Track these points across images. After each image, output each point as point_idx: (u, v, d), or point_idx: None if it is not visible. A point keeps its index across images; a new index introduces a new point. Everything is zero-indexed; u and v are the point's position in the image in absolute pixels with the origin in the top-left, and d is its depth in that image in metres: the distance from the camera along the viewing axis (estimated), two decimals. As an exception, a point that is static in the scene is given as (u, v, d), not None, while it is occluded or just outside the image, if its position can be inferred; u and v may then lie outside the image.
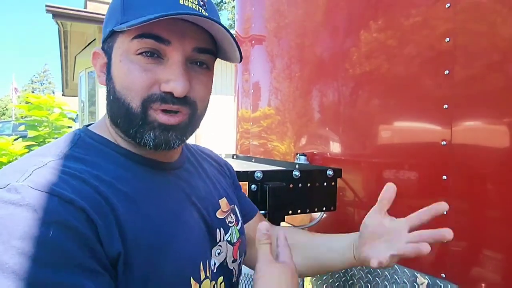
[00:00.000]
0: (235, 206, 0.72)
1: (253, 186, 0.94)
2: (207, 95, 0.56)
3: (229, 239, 0.65)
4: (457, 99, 0.80)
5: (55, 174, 0.45)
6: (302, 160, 1.21)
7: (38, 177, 0.43)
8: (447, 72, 0.81)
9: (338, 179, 1.06)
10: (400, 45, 0.94)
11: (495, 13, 0.74)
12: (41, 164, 0.46)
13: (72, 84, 10.71)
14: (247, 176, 0.93)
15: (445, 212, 0.78)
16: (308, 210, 0.99)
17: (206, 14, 0.51)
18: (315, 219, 1.16)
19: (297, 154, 1.27)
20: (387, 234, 0.63)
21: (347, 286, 1.05)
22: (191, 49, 0.51)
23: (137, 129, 0.51)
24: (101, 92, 6.37)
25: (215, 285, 0.59)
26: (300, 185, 0.97)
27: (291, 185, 0.97)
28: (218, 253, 0.61)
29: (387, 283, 0.92)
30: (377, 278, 0.94)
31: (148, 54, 0.50)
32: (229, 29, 0.51)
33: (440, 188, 0.82)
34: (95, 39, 6.66)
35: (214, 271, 0.59)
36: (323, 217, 1.14)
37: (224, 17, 21.17)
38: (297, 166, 1.01)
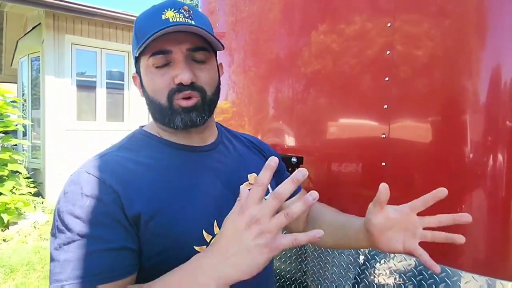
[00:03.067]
0: None
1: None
2: (211, 80, 0.75)
3: None
4: (394, 101, 0.98)
5: (105, 161, 0.68)
6: (266, 150, 1.36)
7: (92, 164, 0.66)
8: (387, 78, 0.99)
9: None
10: (351, 51, 1.11)
11: (426, 33, 0.93)
12: (102, 155, 0.70)
13: (10, 70, 9.93)
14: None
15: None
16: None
17: (193, 22, 0.69)
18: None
19: (260, 145, 1.42)
20: (398, 224, 0.71)
21: (302, 258, 1.22)
22: (186, 50, 0.70)
23: (169, 118, 0.71)
24: (47, 79, 6.03)
25: None
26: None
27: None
28: None
29: (335, 250, 1.10)
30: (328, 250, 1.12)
31: (161, 66, 0.70)
32: (206, 28, 0.71)
33: (380, 173, 1.01)
34: (40, 23, 6.25)
35: None
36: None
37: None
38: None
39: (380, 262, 0.99)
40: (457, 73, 0.87)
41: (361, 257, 1.04)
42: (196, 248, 0.67)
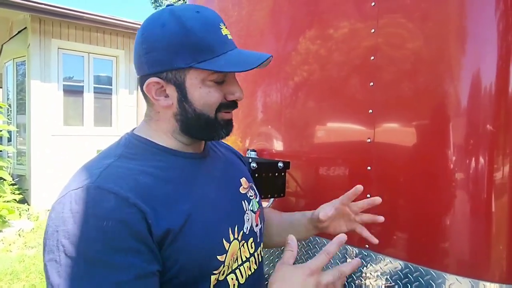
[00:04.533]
0: (252, 184, 0.90)
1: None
2: None
3: (251, 208, 0.83)
4: (379, 106, 1.00)
5: (118, 174, 0.62)
6: (253, 155, 1.36)
7: (104, 177, 0.59)
8: (371, 84, 1.01)
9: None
10: (336, 57, 1.12)
11: (409, 40, 0.95)
12: (105, 166, 0.62)
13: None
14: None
15: (368, 196, 0.98)
16: (263, 196, 1.15)
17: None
18: (268, 202, 1.32)
19: (248, 150, 1.42)
20: (338, 214, 0.90)
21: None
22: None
23: (212, 130, 0.71)
24: (33, 84, 5.93)
25: (245, 244, 0.77)
26: (256, 175, 1.12)
27: (249, 175, 1.12)
28: (248, 219, 0.79)
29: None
30: (316, 246, 1.12)
31: (219, 82, 0.70)
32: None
33: (366, 176, 1.02)
34: (26, 27, 6.17)
35: (247, 233, 0.77)
36: (274, 201, 1.31)
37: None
38: (250, 160, 1.15)
39: (367, 266, 1.00)
40: (439, 78, 0.88)
41: (350, 261, 1.04)
42: (218, 257, 0.67)
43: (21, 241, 4.48)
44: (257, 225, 0.83)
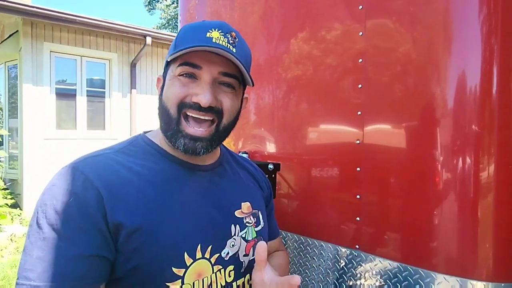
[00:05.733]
0: (259, 212, 0.84)
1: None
2: (232, 107, 0.73)
3: (243, 235, 0.78)
4: (367, 107, 1.01)
5: (98, 161, 0.67)
6: (245, 157, 1.37)
7: (85, 162, 0.66)
8: (360, 86, 1.02)
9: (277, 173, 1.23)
10: (325, 60, 1.14)
11: (396, 43, 0.96)
12: (97, 154, 0.69)
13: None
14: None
15: (358, 197, 0.99)
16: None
17: (234, 50, 0.68)
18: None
19: (239, 152, 1.42)
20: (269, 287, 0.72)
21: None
22: (217, 73, 0.69)
23: (172, 133, 0.69)
24: (25, 87, 5.89)
25: (222, 271, 0.72)
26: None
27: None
28: (232, 245, 0.74)
29: (314, 256, 1.12)
30: (307, 247, 1.13)
31: (186, 76, 0.68)
32: (244, 61, 0.70)
33: (355, 177, 1.03)
34: (17, 31, 6.13)
35: (226, 259, 0.73)
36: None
37: (157, 16, 20.92)
38: (241, 162, 1.16)
39: (357, 267, 1.01)
40: (426, 80, 0.90)
41: (341, 262, 1.05)
42: (174, 270, 0.64)
43: (13, 246, 4.43)
44: (246, 255, 0.77)
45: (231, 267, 0.73)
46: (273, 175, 1.20)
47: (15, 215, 5.50)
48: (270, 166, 1.18)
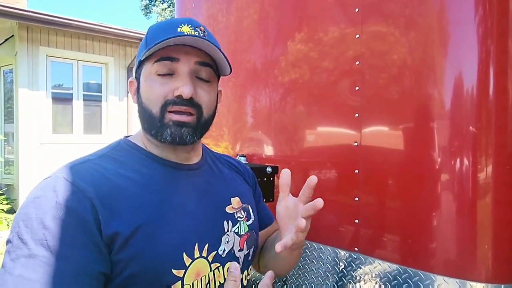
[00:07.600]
0: (249, 206, 0.85)
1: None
2: (210, 101, 0.73)
3: (236, 230, 0.77)
4: (365, 109, 1.01)
5: (87, 169, 0.62)
6: (243, 160, 1.36)
7: (72, 170, 0.62)
8: (357, 88, 1.02)
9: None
10: (322, 62, 1.14)
11: (393, 45, 0.96)
12: (82, 162, 0.66)
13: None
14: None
15: (356, 199, 0.99)
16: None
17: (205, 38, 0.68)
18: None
19: (237, 155, 1.42)
20: (294, 214, 0.74)
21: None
22: (194, 63, 0.69)
23: (157, 129, 0.68)
24: (21, 92, 5.86)
25: (220, 268, 0.72)
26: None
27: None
28: (227, 241, 0.74)
29: (313, 259, 1.11)
30: (306, 250, 1.13)
31: (163, 75, 0.68)
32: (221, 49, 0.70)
33: (353, 179, 1.03)
34: (13, 35, 6.11)
35: (223, 256, 0.72)
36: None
37: (153, 20, 21.10)
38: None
39: (357, 269, 1.00)
40: (423, 81, 0.90)
41: (340, 264, 1.05)
42: (174, 272, 0.64)
43: (10, 252, 4.38)
44: (240, 250, 0.77)
45: (228, 264, 0.73)
46: (271, 178, 1.19)
47: (11, 220, 5.46)
48: (269, 169, 1.18)
